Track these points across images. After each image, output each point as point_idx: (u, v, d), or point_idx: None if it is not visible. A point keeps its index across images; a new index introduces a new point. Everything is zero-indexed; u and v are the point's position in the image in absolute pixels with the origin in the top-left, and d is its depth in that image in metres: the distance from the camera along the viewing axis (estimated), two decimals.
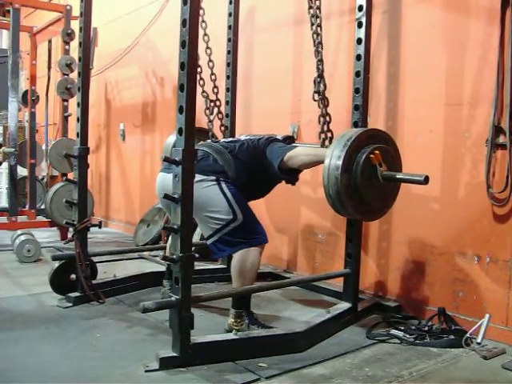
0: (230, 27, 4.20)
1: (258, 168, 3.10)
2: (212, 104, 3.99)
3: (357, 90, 3.19)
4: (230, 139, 3.31)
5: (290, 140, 3.35)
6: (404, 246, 3.50)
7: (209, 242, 2.98)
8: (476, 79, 3.09)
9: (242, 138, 3.39)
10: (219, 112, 4.07)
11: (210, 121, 3.98)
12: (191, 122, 2.46)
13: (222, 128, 4.13)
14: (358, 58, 3.19)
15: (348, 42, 3.70)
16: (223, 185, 2.94)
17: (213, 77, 4.00)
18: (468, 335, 2.87)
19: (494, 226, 3.02)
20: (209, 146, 3.19)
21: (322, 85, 3.13)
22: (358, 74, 3.20)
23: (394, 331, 3.01)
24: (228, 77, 4.23)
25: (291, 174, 3.10)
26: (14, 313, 3.25)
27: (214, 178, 2.94)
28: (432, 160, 3.28)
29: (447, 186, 3.23)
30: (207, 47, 3.93)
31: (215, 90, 4.01)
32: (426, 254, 3.35)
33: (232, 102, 4.24)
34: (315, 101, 3.12)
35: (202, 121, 4.03)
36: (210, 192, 2.91)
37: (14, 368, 2.43)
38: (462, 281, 3.16)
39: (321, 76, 3.13)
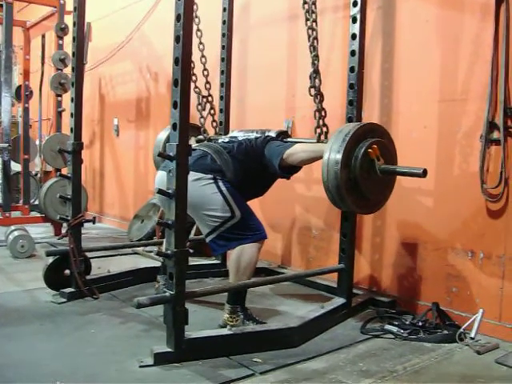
0: (224, 22, 4.19)
1: (256, 167, 3.12)
2: (204, 100, 3.97)
3: (351, 86, 3.19)
4: (228, 139, 3.31)
5: (283, 135, 3.36)
6: (398, 241, 3.51)
7: (207, 239, 2.99)
8: (470, 75, 3.09)
9: (235, 133, 3.39)
10: (211, 108, 4.06)
11: (202, 116, 3.97)
12: (185, 117, 2.45)
13: (214, 124, 4.11)
14: (353, 53, 3.19)
15: (342, 37, 3.69)
16: (220, 183, 2.96)
17: (205, 72, 3.97)
18: (462, 330, 2.89)
19: (488, 222, 3.03)
20: (208, 145, 3.21)
21: (317, 80, 3.13)
22: (352, 69, 3.20)
23: (388, 326, 3.02)
24: (222, 72, 4.22)
25: (291, 172, 3.13)
26: (7, 309, 3.24)
27: (211, 176, 2.96)
28: (426, 156, 3.29)
29: (441, 181, 3.24)
30: (200, 42, 3.92)
31: (207, 86, 3.99)
32: (420, 249, 3.36)
33: (226, 98, 4.23)
34: (311, 96, 3.12)
35: (193, 116, 4.01)
36: (207, 190, 2.92)
37: (9, 364, 2.43)
38: (455, 276, 3.17)
39: (316, 71, 3.12)
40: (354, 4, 3.18)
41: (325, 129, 3.14)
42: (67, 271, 3.52)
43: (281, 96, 4.33)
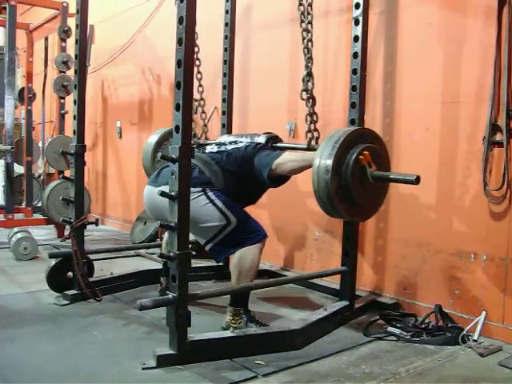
0: (226, 24, 4.19)
1: (246, 177, 3.11)
2: (196, 103, 3.96)
3: (353, 88, 3.19)
4: (217, 148, 3.30)
5: (273, 141, 3.36)
6: (400, 243, 3.50)
7: (207, 248, 2.98)
8: (473, 77, 3.09)
9: (224, 138, 3.40)
10: (203, 112, 4.04)
11: (193, 120, 3.97)
12: (188, 120, 2.46)
13: (206, 129, 4.11)
14: (355, 55, 3.19)
15: (346, 40, 3.69)
16: (210, 193, 2.94)
17: (199, 75, 3.96)
18: (464, 332, 2.88)
19: (491, 224, 3.02)
20: (196, 157, 3.17)
21: (310, 83, 3.11)
22: (354, 71, 3.19)
23: (390, 328, 3.02)
24: (225, 74, 4.22)
25: (280, 182, 3.12)
26: (10, 310, 3.25)
27: (199, 189, 2.93)
28: (429, 157, 3.29)
29: (444, 183, 3.24)
30: (195, 45, 3.91)
31: (200, 89, 3.98)
32: (423, 251, 3.35)
33: (229, 100, 4.23)
34: (303, 99, 3.10)
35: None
36: (198, 203, 2.88)
37: (11, 365, 2.43)
38: (458, 278, 3.17)
39: (309, 74, 3.11)
40: (357, 6, 3.18)
41: (316, 134, 3.13)
42: (70, 273, 3.53)
43: (283, 98, 4.32)
